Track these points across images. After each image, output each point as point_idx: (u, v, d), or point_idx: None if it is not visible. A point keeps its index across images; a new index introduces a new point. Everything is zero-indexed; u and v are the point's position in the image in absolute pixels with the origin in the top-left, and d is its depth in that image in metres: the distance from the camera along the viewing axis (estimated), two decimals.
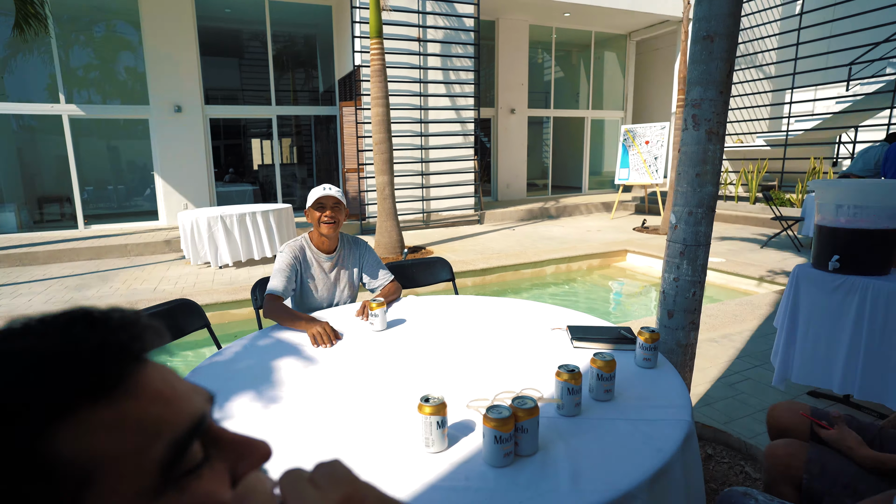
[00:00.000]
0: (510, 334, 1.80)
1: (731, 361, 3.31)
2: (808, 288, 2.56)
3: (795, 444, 1.44)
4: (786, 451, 1.43)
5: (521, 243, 7.23)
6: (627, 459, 1.06)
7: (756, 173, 8.93)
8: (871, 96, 7.64)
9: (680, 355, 1.93)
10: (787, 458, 1.42)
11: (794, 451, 1.42)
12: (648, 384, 1.41)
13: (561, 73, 12.43)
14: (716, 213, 8.61)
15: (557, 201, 10.66)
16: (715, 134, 1.78)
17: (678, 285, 1.88)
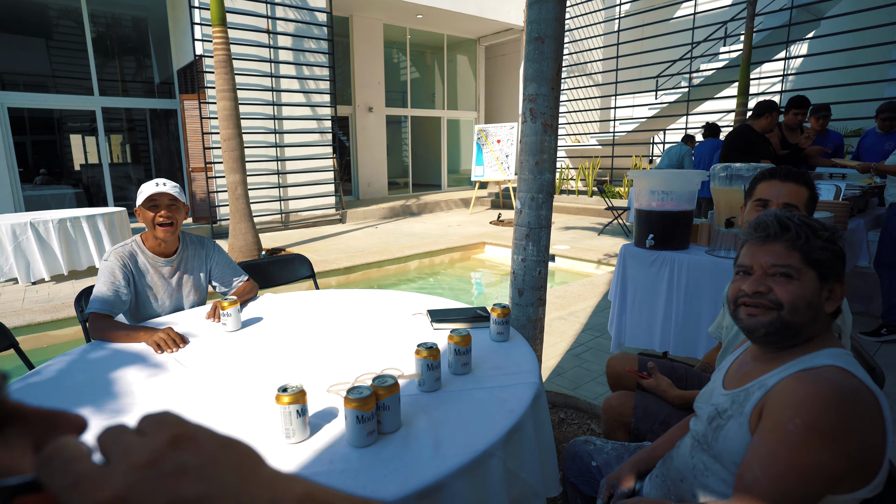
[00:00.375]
0: (372, 322, 1.81)
1: (577, 335, 3.69)
2: (632, 263, 2.95)
3: (625, 394, 1.67)
4: (618, 402, 1.65)
5: (385, 240, 7.27)
6: (484, 423, 1.14)
7: (591, 169, 10.04)
8: (672, 104, 9.05)
9: (531, 329, 2.11)
10: (619, 408, 1.64)
11: (625, 401, 1.64)
12: (502, 355, 1.52)
13: (417, 73, 12.73)
14: (560, 205, 9.47)
15: (418, 198, 10.91)
16: (550, 126, 1.97)
17: (526, 265, 2.05)
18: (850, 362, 0.89)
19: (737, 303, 0.99)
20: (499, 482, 1.07)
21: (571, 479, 1.40)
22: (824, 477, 0.80)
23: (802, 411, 0.82)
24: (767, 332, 0.94)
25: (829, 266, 0.92)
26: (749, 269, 0.98)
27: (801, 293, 0.92)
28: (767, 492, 0.82)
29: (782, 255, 0.93)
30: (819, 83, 7.72)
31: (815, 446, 0.80)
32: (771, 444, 0.84)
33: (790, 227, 0.94)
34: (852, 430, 0.80)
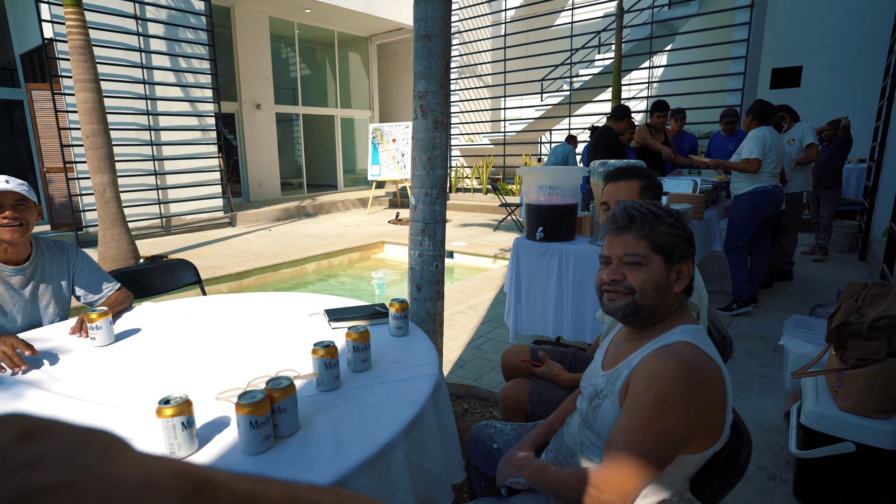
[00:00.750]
0: (265, 325, 1.73)
1: (477, 327, 3.81)
2: (525, 255, 3.11)
3: (521, 382, 1.75)
4: (514, 390, 1.72)
5: (280, 243, 6.97)
6: (385, 416, 1.14)
7: (485, 168, 10.40)
8: (556, 106, 9.66)
9: (430, 323, 2.14)
10: (516, 395, 1.71)
11: (520, 388, 1.72)
12: (402, 349, 1.53)
13: (308, 70, 12.32)
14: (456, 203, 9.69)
15: (314, 199, 10.58)
16: (440, 123, 2.01)
17: (423, 260, 2.08)
18: (697, 336, 1.01)
19: (601, 289, 1.10)
20: (403, 474, 1.08)
21: (475, 463, 1.45)
22: (673, 441, 0.92)
23: (655, 385, 0.93)
24: (625, 314, 1.06)
25: (673, 250, 1.04)
26: (608, 259, 1.09)
27: (650, 278, 1.03)
28: (627, 457, 0.92)
29: (631, 244, 1.05)
30: (677, 90, 8.67)
31: (664, 415, 0.91)
32: (630, 414, 0.95)
33: (635, 217, 1.05)
34: (697, 399, 0.92)
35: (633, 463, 0.91)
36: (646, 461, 0.91)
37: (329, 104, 12.41)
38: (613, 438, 0.96)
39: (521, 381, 1.75)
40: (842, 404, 1.75)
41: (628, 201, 1.10)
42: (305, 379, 1.28)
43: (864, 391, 1.71)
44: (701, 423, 0.92)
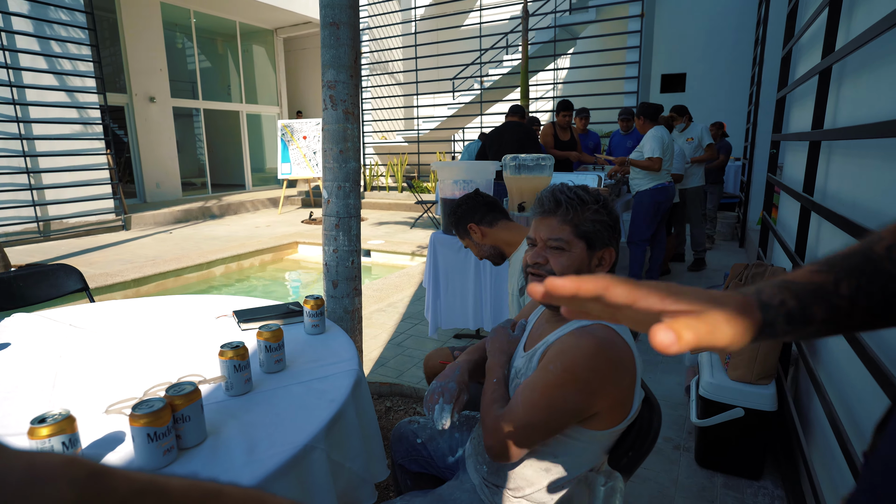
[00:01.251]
0: (167, 330, 1.58)
1: (397, 324, 3.78)
2: (442, 250, 3.12)
3: (442, 350, 1.75)
4: (439, 355, 1.73)
5: (182, 246, 6.48)
6: (303, 417, 1.08)
7: (400, 166, 10.35)
8: (468, 105, 9.84)
9: (349, 321, 2.08)
10: (440, 361, 1.71)
11: (444, 353, 1.71)
12: (319, 347, 1.46)
13: (208, 62, 11.55)
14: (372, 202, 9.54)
15: (220, 200, 9.96)
16: (351, 114, 1.95)
17: (338, 256, 2.01)
18: None
19: (527, 271, 1.11)
20: (324, 475, 1.02)
21: (399, 461, 1.42)
22: (568, 411, 0.95)
23: (563, 357, 0.96)
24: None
25: (596, 237, 1.08)
26: (534, 241, 1.11)
27: (570, 263, 1.06)
28: (519, 416, 0.96)
29: (555, 228, 1.07)
30: (580, 91, 9.16)
31: (566, 386, 0.94)
32: (534, 379, 0.98)
33: (561, 202, 1.07)
34: (601, 378, 0.95)
35: (523, 420, 0.95)
36: (535, 422, 0.95)
37: (233, 99, 11.73)
38: (515, 394, 1.00)
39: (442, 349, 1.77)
40: (732, 374, 1.93)
41: (557, 184, 1.12)
42: (212, 383, 1.18)
43: (749, 361, 1.89)
44: (603, 401, 0.95)
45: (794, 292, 0.43)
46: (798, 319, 0.42)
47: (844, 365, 1.49)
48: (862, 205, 1.48)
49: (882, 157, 1.36)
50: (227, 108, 11.55)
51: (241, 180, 12.10)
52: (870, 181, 1.44)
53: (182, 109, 10.58)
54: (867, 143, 1.49)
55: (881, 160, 1.36)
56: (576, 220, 1.07)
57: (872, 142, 1.45)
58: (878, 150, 1.41)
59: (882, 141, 1.37)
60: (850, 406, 1.39)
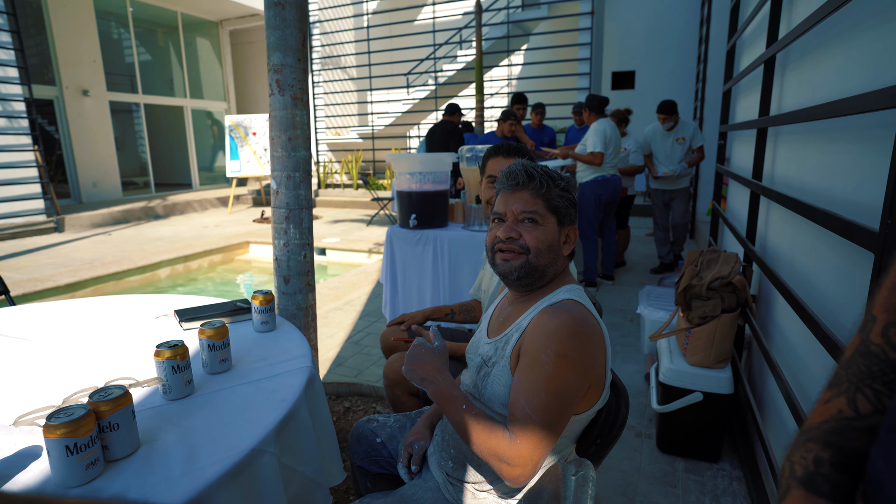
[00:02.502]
0: (97, 332, 1.44)
1: (355, 323, 3.67)
2: (399, 244, 3.05)
3: (402, 357, 1.66)
4: (399, 364, 1.65)
5: (122, 248, 6.11)
6: (250, 419, 0.99)
7: (354, 163, 10.16)
8: (423, 100, 9.76)
9: (302, 318, 1.97)
10: (399, 374, 1.63)
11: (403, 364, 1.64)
12: (269, 345, 1.37)
13: (147, 55, 10.96)
14: (327, 199, 9.30)
15: (165, 199, 9.49)
16: (300, 100, 1.85)
17: (289, 250, 1.91)
18: (581, 295, 1.02)
19: (493, 249, 1.06)
20: (273, 481, 0.94)
21: (358, 462, 1.34)
22: (571, 397, 0.91)
23: (552, 342, 0.90)
24: (519, 275, 1.02)
25: (564, 212, 1.05)
26: (503, 215, 1.05)
27: (545, 237, 1.02)
28: (538, 422, 0.89)
29: (529, 201, 1.03)
30: (534, 87, 9.25)
31: (564, 371, 0.89)
32: (532, 377, 0.91)
33: (535, 176, 1.03)
34: (587, 353, 0.92)
35: (542, 427, 0.88)
36: (553, 422, 0.89)
37: (176, 93, 11.18)
38: (517, 406, 0.91)
39: (402, 357, 1.67)
40: (690, 359, 1.95)
41: (525, 161, 1.08)
42: (147, 386, 1.07)
43: (707, 345, 1.92)
44: (590, 377, 0.93)
45: (820, 442, 0.40)
46: (847, 462, 0.39)
47: (797, 346, 1.53)
48: (809, 187, 1.52)
49: (826, 140, 1.39)
50: (170, 104, 11.01)
51: (187, 179, 11.57)
52: (816, 163, 1.47)
53: (120, 104, 10.00)
54: (811, 126, 1.53)
55: (826, 142, 1.39)
56: (548, 194, 1.03)
57: (816, 125, 1.48)
58: (820, 133, 1.44)
59: (824, 123, 1.40)
60: (803, 385, 1.42)
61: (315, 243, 6.73)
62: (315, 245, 6.64)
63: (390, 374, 1.66)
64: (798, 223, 1.60)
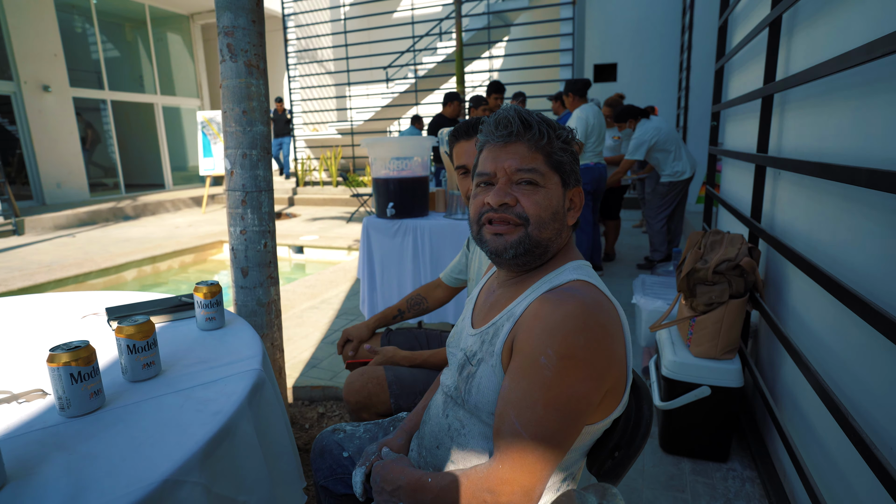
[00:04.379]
0: (3, 337, 1.21)
1: (332, 321, 3.44)
2: (377, 236, 2.83)
3: (368, 372, 1.40)
4: (361, 382, 1.38)
5: (86, 250, 5.78)
6: (171, 440, 0.77)
7: (333, 159, 9.89)
8: (403, 94, 9.53)
9: (264, 315, 1.75)
10: (364, 389, 1.37)
11: (370, 378, 1.38)
12: (214, 345, 1.15)
13: (115, 50, 10.54)
14: (306, 198, 8.99)
15: (135, 200, 9.11)
16: (255, 68, 1.63)
17: (247, 238, 1.68)
18: (591, 274, 0.82)
19: (480, 221, 0.84)
20: None
21: (321, 481, 1.12)
22: (582, 408, 0.71)
23: (554, 339, 0.70)
24: (516, 252, 0.81)
25: (569, 170, 0.84)
26: (492, 176, 0.83)
27: (548, 203, 0.81)
28: (530, 442, 0.68)
29: (526, 157, 0.80)
30: (516, 79, 9.08)
31: (570, 376, 0.69)
32: (524, 384, 0.71)
33: (532, 123, 0.81)
34: (602, 350, 0.71)
35: (538, 446, 0.68)
36: (554, 441, 0.69)
37: (146, 90, 10.77)
38: (505, 419, 0.71)
39: (371, 370, 1.41)
40: (695, 350, 1.77)
41: (517, 106, 0.85)
42: (25, 401, 0.85)
43: (713, 335, 1.74)
44: (607, 381, 0.72)
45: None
46: None
47: (820, 330, 1.35)
48: (830, 152, 1.34)
49: (857, 95, 1.21)
50: (139, 100, 10.59)
51: (159, 179, 11.16)
52: (839, 125, 1.29)
53: (86, 101, 9.57)
54: (831, 84, 1.36)
55: (857, 97, 1.22)
56: (549, 147, 0.81)
57: (838, 82, 1.31)
58: (847, 89, 1.26)
59: (851, 77, 1.23)
60: (830, 373, 1.25)
61: (292, 242, 6.46)
62: (292, 244, 6.38)
63: (352, 396, 1.37)
64: (817, 194, 1.43)
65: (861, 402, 1.09)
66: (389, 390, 1.37)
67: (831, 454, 1.26)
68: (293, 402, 2.51)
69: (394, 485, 0.81)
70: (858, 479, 1.11)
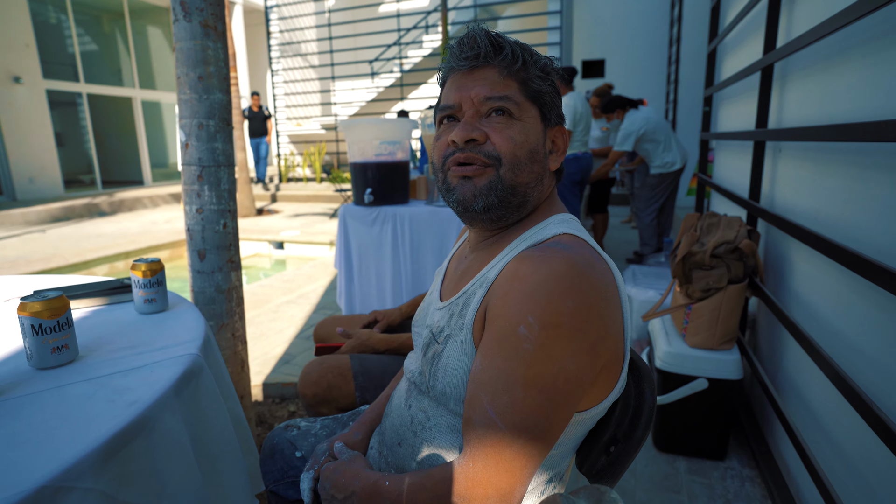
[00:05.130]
0: None
1: (309, 316, 3.29)
2: (354, 224, 2.68)
3: (328, 360, 1.25)
4: (319, 373, 1.22)
5: (56, 246, 5.55)
6: (61, 437, 0.63)
7: (317, 155, 9.70)
8: (388, 88, 9.37)
9: (223, 303, 1.60)
10: (322, 380, 1.21)
11: (329, 368, 1.23)
12: (150, 329, 1.00)
13: (92, 42, 10.23)
14: (289, 194, 8.78)
15: (112, 196, 8.83)
16: (213, 29, 1.47)
17: (203, 217, 1.53)
18: (580, 229, 0.68)
19: (445, 166, 0.70)
20: None
21: (272, 486, 0.97)
22: (573, 388, 0.57)
23: (534, 303, 0.56)
24: (488, 201, 0.67)
25: (550, 103, 0.70)
26: (456, 109, 0.69)
27: (524, 139, 0.67)
28: (507, 433, 0.55)
29: (497, 83, 0.67)
30: None
31: (557, 349, 0.55)
32: (499, 361, 0.57)
33: (503, 45, 0.67)
34: (596, 316, 0.58)
35: (517, 438, 0.55)
36: (537, 431, 0.55)
37: (125, 83, 10.48)
38: (476, 406, 0.57)
39: (332, 359, 1.26)
40: (691, 340, 1.65)
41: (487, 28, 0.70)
42: None
43: (711, 323, 1.62)
44: (602, 354, 0.59)
45: None
46: None
47: (830, 314, 1.24)
48: (839, 115, 1.23)
49: (867, 51, 1.10)
50: (117, 94, 10.29)
51: (138, 175, 10.86)
52: (851, 84, 1.18)
53: (61, 94, 9.26)
54: (841, 44, 1.24)
55: (868, 52, 1.10)
56: (524, 73, 0.68)
57: (848, 40, 1.19)
58: (848, 53, 1.15)
59: (863, 34, 1.11)
60: (841, 361, 1.13)
61: (273, 237, 6.28)
62: (273, 239, 6.19)
63: (308, 389, 1.22)
64: (825, 166, 1.31)
65: (883, 390, 0.97)
66: (355, 382, 1.22)
67: (843, 448, 1.14)
68: (263, 399, 2.35)
69: (345, 491, 0.67)
70: (874, 474, 0.99)
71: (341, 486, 0.68)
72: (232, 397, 1.08)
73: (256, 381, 2.38)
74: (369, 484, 0.65)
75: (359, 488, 0.65)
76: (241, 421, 1.10)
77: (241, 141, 7.61)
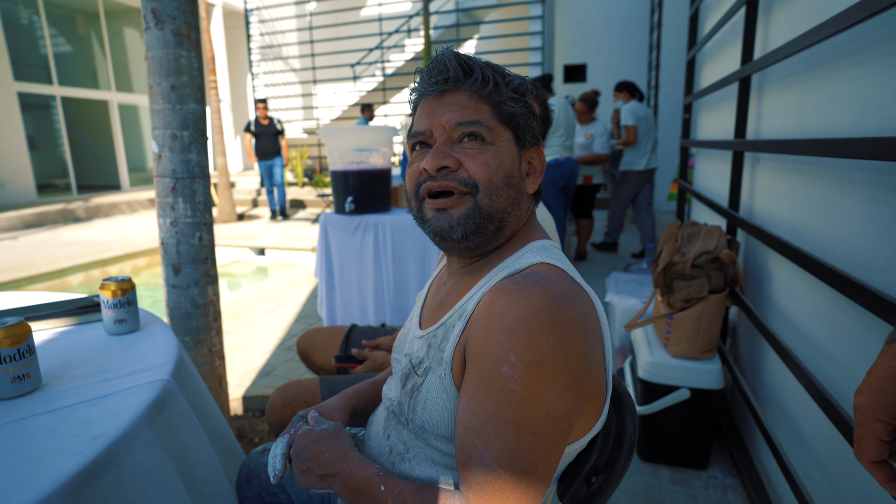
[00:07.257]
0: None
1: (290, 326, 3.24)
2: (335, 233, 2.65)
3: (296, 385, 1.22)
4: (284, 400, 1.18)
5: (28, 253, 5.39)
6: (15, 479, 0.59)
7: (299, 159, 9.61)
8: (371, 92, 9.34)
9: (200, 318, 1.56)
10: (289, 405, 1.17)
11: (296, 394, 1.19)
12: (120, 352, 0.96)
13: (66, 44, 10.01)
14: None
15: (87, 201, 8.64)
16: (186, 37, 1.44)
17: (178, 231, 1.49)
18: (558, 256, 0.67)
19: (419, 195, 0.69)
20: None
21: None
22: (565, 427, 0.56)
23: (516, 341, 0.55)
24: (466, 230, 0.66)
25: (524, 125, 0.69)
26: (427, 134, 0.67)
27: (499, 163, 0.66)
28: (507, 479, 0.53)
29: (468, 107, 0.65)
30: None
31: (544, 387, 0.54)
32: (487, 403, 0.55)
33: (474, 67, 0.66)
34: (578, 350, 0.56)
35: (519, 482, 0.53)
36: (536, 472, 0.54)
37: (101, 86, 10.26)
38: (470, 452, 0.55)
39: (298, 384, 1.22)
40: (673, 350, 1.66)
41: (456, 51, 0.70)
42: None
43: (692, 333, 1.63)
44: (585, 388, 0.57)
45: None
46: None
47: (808, 325, 1.25)
48: (817, 128, 1.24)
49: (843, 65, 1.11)
50: (92, 97, 10.07)
51: (115, 180, 10.64)
52: (828, 98, 1.19)
53: (33, 97, 9.03)
54: (817, 58, 1.26)
55: (843, 66, 1.11)
56: (496, 95, 0.67)
57: (823, 54, 1.21)
58: (831, 62, 1.16)
59: (839, 48, 1.12)
60: (819, 371, 1.14)
61: (253, 243, 6.19)
62: (254, 245, 6.11)
63: (274, 417, 1.17)
64: (803, 178, 1.33)
65: None
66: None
67: (820, 458, 1.15)
68: (243, 413, 2.30)
69: (327, 469, 0.65)
70: (849, 483, 1.00)
71: (323, 461, 0.66)
72: (215, 415, 1.05)
73: (236, 395, 2.33)
74: (360, 477, 0.63)
75: (345, 473, 0.64)
76: (229, 437, 1.07)
77: (220, 146, 7.49)
